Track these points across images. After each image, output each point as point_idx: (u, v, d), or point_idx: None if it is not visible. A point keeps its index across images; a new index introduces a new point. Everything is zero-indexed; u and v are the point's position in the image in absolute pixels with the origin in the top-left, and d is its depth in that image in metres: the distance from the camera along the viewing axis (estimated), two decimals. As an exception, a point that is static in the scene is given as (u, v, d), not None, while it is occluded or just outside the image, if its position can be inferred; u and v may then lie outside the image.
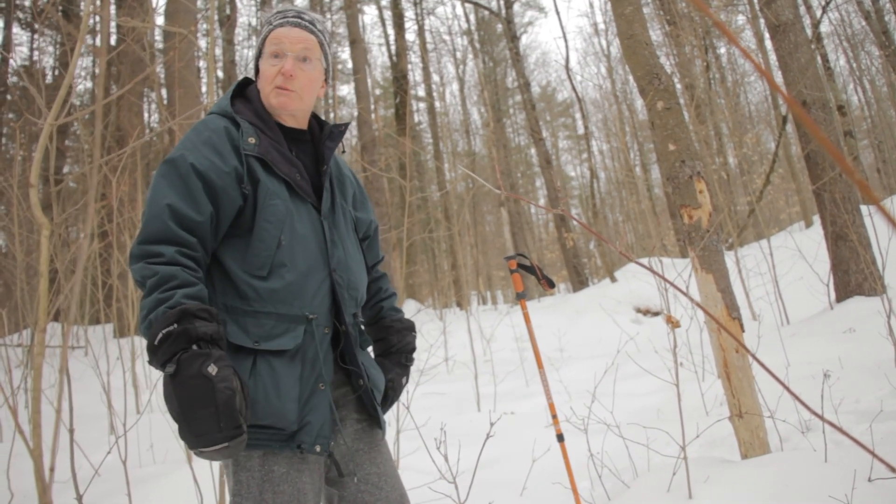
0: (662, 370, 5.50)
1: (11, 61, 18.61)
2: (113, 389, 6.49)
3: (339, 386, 2.03)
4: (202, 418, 1.58)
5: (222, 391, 1.59)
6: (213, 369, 1.59)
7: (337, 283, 1.98)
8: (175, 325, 1.62)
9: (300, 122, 2.10)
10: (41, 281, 1.17)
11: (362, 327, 2.17)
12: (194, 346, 1.62)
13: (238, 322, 1.84)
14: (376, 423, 2.08)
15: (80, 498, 2.77)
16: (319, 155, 2.11)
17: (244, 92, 2.12)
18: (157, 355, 1.63)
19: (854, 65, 25.24)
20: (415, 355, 2.33)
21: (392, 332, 2.28)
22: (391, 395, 2.17)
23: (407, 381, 2.25)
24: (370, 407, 2.05)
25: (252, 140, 1.91)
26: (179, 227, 1.77)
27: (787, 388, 0.85)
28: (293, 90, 2.00)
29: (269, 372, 1.80)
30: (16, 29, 20.18)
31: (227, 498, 2.74)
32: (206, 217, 1.81)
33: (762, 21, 8.48)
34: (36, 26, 19.93)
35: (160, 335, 1.62)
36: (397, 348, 2.26)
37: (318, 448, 1.83)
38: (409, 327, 2.34)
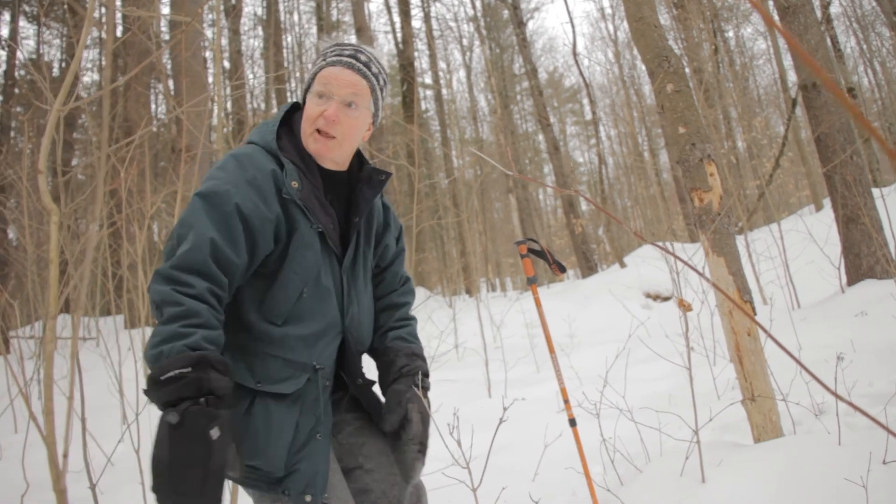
0: (674, 355, 5.49)
1: (19, 54, 18.63)
2: (124, 380, 6.51)
3: (334, 392, 2.03)
4: (189, 479, 1.49)
5: (218, 459, 1.52)
6: (215, 433, 1.52)
7: (347, 342, 1.97)
8: (190, 370, 1.53)
9: (340, 165, 2.01)
10: (51, 267, 1.16)
11: (366, 387, 2.11)
12: (202, 399, 1.54)
13: (245, 361, 1.83)
14: (379, 419, 2.05)
15: (93, 487, 2.78)
16: (353, 201, 2.01)
17: (291, 119, 2.02)
18: (160, 393, 1.53)
19: (864, 46, 25.03)
20: (427, 382, 2.11)
21: (399, 356, 2.11)
22: (423, 428, 1.98)
23: (429, 403, 2.05)
24: (368, 407, 2.05)
25: (295, 184, 1.83)
26: (217, 265, 1.69)
27: (804, 366, 0.83)
28: (334, 136, 1.90)
29: (264, 414, 1.79)
30: (22, 22, 20.19)
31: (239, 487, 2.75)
32: (243, 262, 1.75)
33: (771, 2, 8.40)
34: (42, 19, 19.95)
35: (171, 374, 1.52)
36: (407, 370, 2.07)
37: (307, 498, 1.79)
38: (419, 353, 2.15)
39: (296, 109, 2.05)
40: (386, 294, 2.23)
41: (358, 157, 2.08)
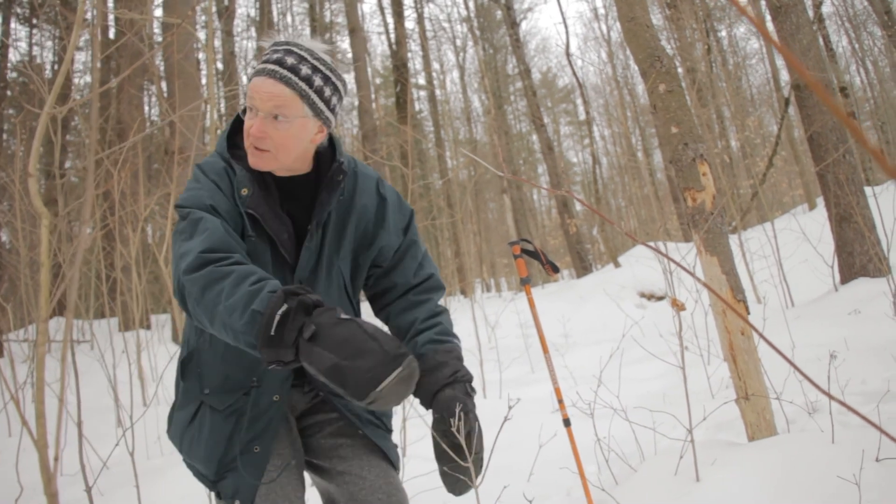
0: (668, 354, 5.50)
1: (11, 56, 18.58)
2: (119, 383, 6.50)
3: (306, 392, 2.03)
4: (368, 352, 1.46)
5: (366, 324, 1.52)
6: (345, 315, 1.52)
7: None
8: (286, 305, 1.49)
9: (295, 171, 1.91)
10: (42, 270, 1.16)
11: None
12: (314, 311, 1.52)
13: (200, 367, 1.88)
14: (350, 422, 2.01)
15: (89, 490, 2.78)
16: (313, 207, 1.91)
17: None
18: (284, 336, 1.49)
19: (856, 46, 25.14)
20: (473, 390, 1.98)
21: (448, 362, 1.95)
22: (478, 439, 1.87)
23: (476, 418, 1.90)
24: (346, 410, 2.00)
25: (245, 191, 1.79)
26: (228, 245, 1.69)
27: (795, 367, 0.84)
28: (266, 150, 1.78)
29: (202, 423, 1.87)
30: (14, 24, 20.14)
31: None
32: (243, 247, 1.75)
33: (763, 2, 8.42)
34: (34, 21, 19.90)
35: (278, 317, 1.48)
36: (457, 377, 1.94)
37: (236, 503, 1.84)
38: (461, 357, 2.01)
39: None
40: (402, 294, 2.09)
41: (332, 152, 1.97)
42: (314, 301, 1.54)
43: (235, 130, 1.93)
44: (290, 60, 1.76)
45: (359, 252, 2.04)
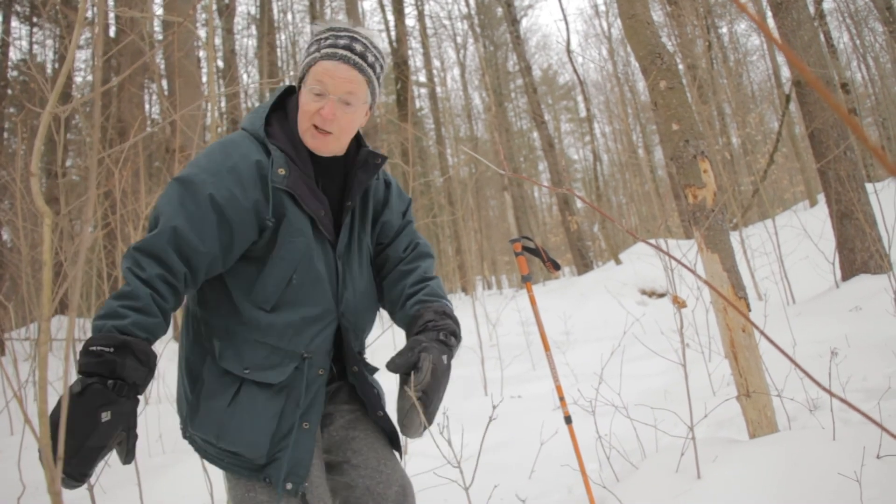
0: (669, 351, 5.50)
1: (11, 55, 18.57)
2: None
3: (330, 381, 2.02)
4: (68, 444, 1.49)
5: (97, 439, 1.53)
6: (105, 416, 1.54)
7: (343, 328, 1.94)
8: (111, 351, 1.56)
9: (336, 153, 1.97)
10: (45, 269, 1.16)
11: (366, 371, 2.06)
12: (109, 382, 1.56)
13: (234, 347, 1.83)
14: (374, 410, 2.04)
15: (91, 488, 2.78)
16: (348, 186, 1.98)
17: (285, 104, 1.99)
18: (82, 360, 1.57)
19: (857, 42, 25.09)
20: (455, 342, 1.96)
21: (427, 311, 1.98)
22: (430, 377, 1.83)
23: (447, 367, 1.88)
24: (363, 394, 2.02)
25: (282, 171, 1.81)
26: (177, 252, 1.71)
27: (797, 364, 0.84)
28: (330, 132, 1.86)
29: (249, 402, 1.80)
30: (14, 23, 20.14)
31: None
32: (210, 250, 1.75)
33: (764, -1, 8.41)
34: (35, 20, 19.90)
35: (93, 349, 1.56)
36: (433, 325, 1.94)
37: (288, 486, 1.79)
38: (449, 313, 2.01)
39: (290, 93, 2.02)
40: (394, 267, 2.13)
41: (356, 139, 2.04)
42: (122, 375, 1.57)
43: (273, 110, 1.97)
44: (358, 48, 1.86)
45: (372, 229, 2.12)
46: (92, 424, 1.52)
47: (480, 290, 19.93)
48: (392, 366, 1.85)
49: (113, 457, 1.73)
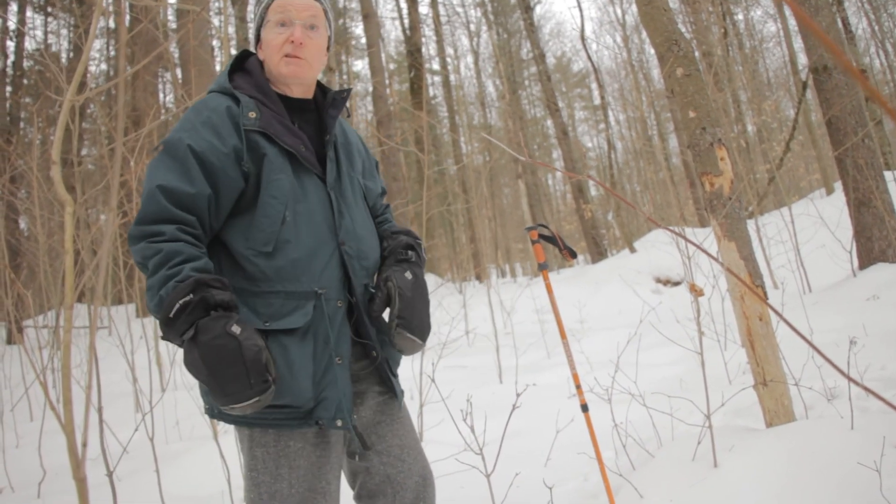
0: (684, 339, 5.48)
1: (27, 44, 18.66)
2: (137, 368, 6.56)
3: (359, 359, 2.01)
4: (232, 377, 1.60)
5: (249, 348, 1.61)
6: (236, 329, 1.61)
7: (346, 255, 1.94)
8: (191, 296, 1.62)
9: (307, 91, 2.07)
10: (66, 258, 1.17)
11: (377, 296, 2.06)
12: (213, 312, 1.64)
13: (247, 303, 1.83)
14: (395, 395, 2.05)
15: (111, 475, 2.81)
16: (323, 124, 2.07)
17: (244, 65, 2.07)
18: (175, 327, 1.62)
19: (876, 27, 24.77)
20: (414, 254, 2.14)
21: (383, 239, 2.17)
22: (399, 300, 1.97)
23: (414, 279, 2.04)
24: (386, 378, 2.03)
25: (252, 114, 1.87)
26: (175, 206, 1.75)
27: (817, 349, 0.83)
28: (303, 58, 1.96)
29: (281, 352, 1.79)
30: (29, 12, 20.21)
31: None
32: (200, 191, 1.78)
33: (781, -16, 8.34)
34: (49, 9, 19.97)
35: (177, 306, 1.61)
36: (389, 250, 2.12)
37: (338, 423, 1.82)
38: (402, 230, 2.20)
39: (247, 56, 2.11)
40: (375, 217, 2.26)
41: (319, 86, 2.14)
42: (217, 301, 1.64)
43: (234, 69, 2.06)
44: None
45: (364, 178, 2.20)
46: (233, 341, 1.60)
47: (495, 278, 19.93)
48: (374, 314, 1.98)
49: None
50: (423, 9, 27.45)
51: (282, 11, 1.95)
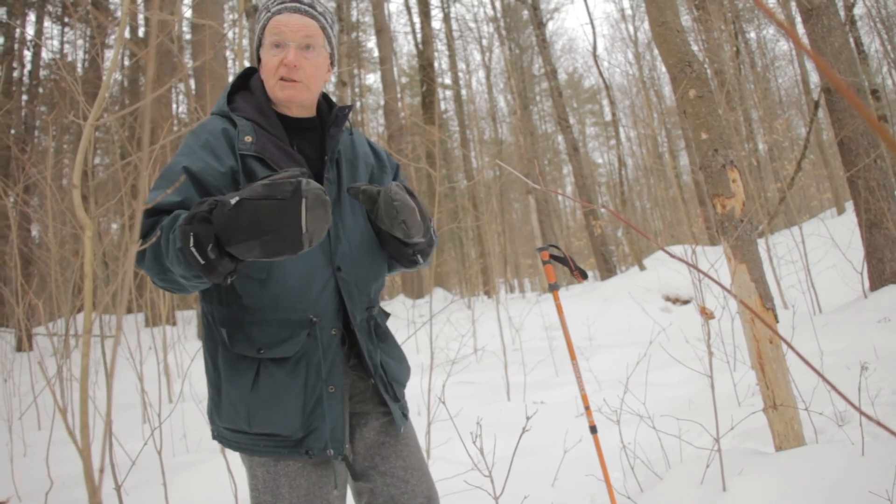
0: (693, 360, 5.47)
1: (44, 55, 18.83)
2: (146, 378, 6.57)
3: (358, 382, 2.00)
4: (270, 215, 1.50)
5: (253, 187, 1.54)
6: (234, 198, 1.53)
7: (342, 281, 1.90)
8: (192, 232, 1.52)
9: (308, 110, 2.03)
10: (86, 281, 1.18)
11: (378, 320, 2.05)
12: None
13: (243, 331, 1.82)
14: (400, 416, 2.03)
15: (118, 488, 2.81)
16: (324, 142, 2.03)
17: (248, 83, 2.05)
18: (210, 257, 1.52)
19: (889, 47, 24.74)
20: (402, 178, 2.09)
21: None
22: (394, 197, 1.84)
23: (408, 190, 1.91)
24: (388, 399, 1.99)
25: (248, 138, 1.85)
26: (162, 209, 1.71)
27: (825, 379, 0.83)
28: (299, 80, 1.92)
29: (270, 383, 1.78)
30: (46, 23, 20.40)
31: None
32: (188, 198, 1.74)
33: (794, 4, 8.34)
34: (66, 20, 20.15)
35: (194, 249, 1.51)
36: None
37: (329, 452, 1.80)
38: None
39: (251, 73, 2.08)
40: None
41: (326, 100, 2.11)
42: (208, 206, 1.54)
43: (234, 91, 2.03)
44: (306, 0, 1.95)
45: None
46: (250, 205, 1.51)
47: (504, 294, 19.91)
48: (352, 190, 1.89)
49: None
50: (436, 24, 27.63)
51: (276, 33, 1.92)
